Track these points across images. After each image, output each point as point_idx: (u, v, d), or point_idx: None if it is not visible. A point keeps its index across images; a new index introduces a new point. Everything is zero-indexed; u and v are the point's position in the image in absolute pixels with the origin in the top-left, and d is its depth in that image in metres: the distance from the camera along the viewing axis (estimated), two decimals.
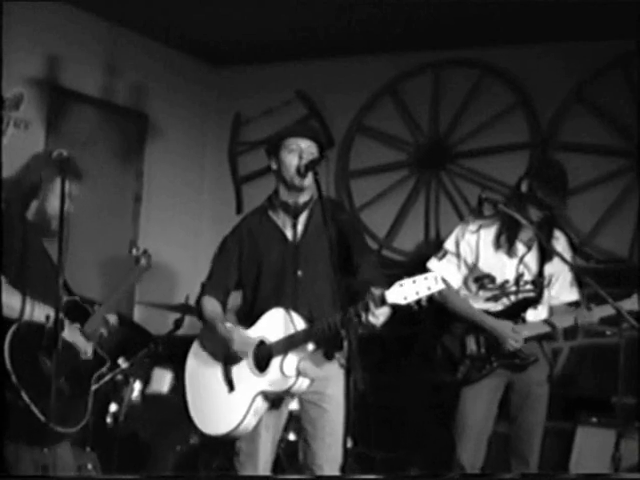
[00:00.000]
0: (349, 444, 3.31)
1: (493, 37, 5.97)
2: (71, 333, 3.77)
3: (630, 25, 5.08)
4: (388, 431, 5.64)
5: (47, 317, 3.58)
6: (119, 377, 4.93)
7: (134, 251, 4.14)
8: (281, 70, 6.70)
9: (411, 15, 5.68)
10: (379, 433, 5.41)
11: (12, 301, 3.64)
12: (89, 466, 4.54)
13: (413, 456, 5.52)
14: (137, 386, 5.07)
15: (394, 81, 6.51)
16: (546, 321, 4.42)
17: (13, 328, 3.60)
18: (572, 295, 4.56)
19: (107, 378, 4.42)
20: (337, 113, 6.61)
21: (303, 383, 3.72)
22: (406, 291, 3.42)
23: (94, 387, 3.86)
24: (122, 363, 4.81)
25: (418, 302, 3.42)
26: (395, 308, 3.53)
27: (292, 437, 4.69)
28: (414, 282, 3.42)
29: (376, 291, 3.50)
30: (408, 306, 3.44)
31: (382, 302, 3.48)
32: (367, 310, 3.49)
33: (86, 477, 4.48)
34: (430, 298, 3.43)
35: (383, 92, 6.53)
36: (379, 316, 3.53)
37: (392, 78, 6.50)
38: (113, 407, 4.95)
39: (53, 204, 3.77)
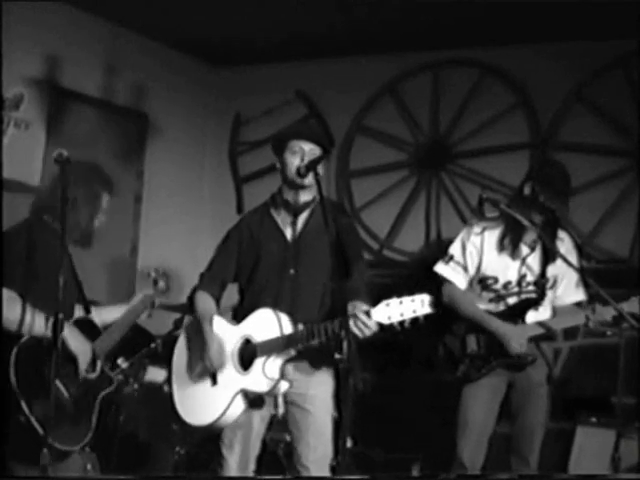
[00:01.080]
0: (349, 444, 3.31)
1: (493, 37, 5.97)
2: (79, 344, 3.72)
3: (630, 25, 5.08)
4: (388, 431, 5.63)
5: (46, 319, 3.55)
6: (119, 377, 4.92)
7: (152, 273, 4.10)
8: (281, 70, 6.70)
9: (411, 15, 5.68)
10: (379, 433, 5.40)
11: (12, 313, 3.56)
12: (89, 466, 4.53)
13: (413, 456, 5.51)
14: (137, 386, 5.06)
15: (394, 81, 6.51)
16: (540, 323, 4.41)
17: (19, 345, 3.53)
18: (578, 295, 4.52)
19: None
20: (337, 113, 6.61)
21: (283, 386, 3.76)
22: (391, 311, 3.45)
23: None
24: (122, 363, 4.79)
25: (401, 323, 3.44)
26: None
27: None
28: (400, 303, 3.45)
29: (363, 306, 3.53)
30: (391, 326, 3.46)
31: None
32: (356, 322, 3.51)
33: (86, 477, 4.47)
34: (415, 320, 3.44)
35: (383, 92, 6.54)
36: (367, 330, 3.53)
37: (392, 78, 6.50)
38: (113, 407, 4.95)
39: (84, 214, 3.81)
